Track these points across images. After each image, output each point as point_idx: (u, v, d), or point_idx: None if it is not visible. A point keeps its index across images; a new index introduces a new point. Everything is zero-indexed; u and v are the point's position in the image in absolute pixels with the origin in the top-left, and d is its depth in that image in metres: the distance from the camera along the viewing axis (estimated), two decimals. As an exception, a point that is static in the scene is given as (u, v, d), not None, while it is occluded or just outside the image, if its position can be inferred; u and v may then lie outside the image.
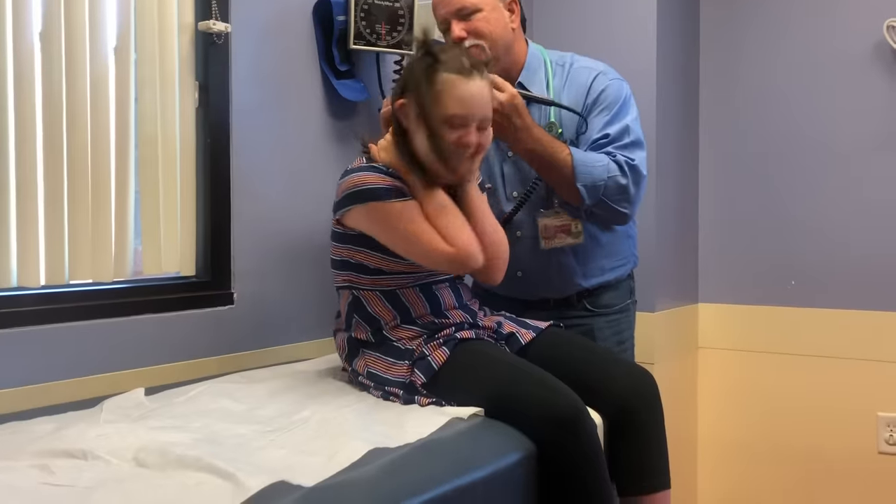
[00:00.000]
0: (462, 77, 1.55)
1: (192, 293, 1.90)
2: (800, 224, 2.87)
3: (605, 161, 1.81)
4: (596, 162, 1.80)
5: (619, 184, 1.82)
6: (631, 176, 1.83)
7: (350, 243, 1.65)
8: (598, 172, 1.80)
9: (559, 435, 1.41)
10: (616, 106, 1.88)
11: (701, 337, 3.05)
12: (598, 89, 1.89)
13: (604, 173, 1.80)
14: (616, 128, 1.86)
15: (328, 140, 2.19)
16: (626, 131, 1.87)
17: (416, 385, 1.56)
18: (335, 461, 1.22)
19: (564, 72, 1.94)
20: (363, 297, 1.66)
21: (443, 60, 1.55)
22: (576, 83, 1.91)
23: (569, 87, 1.91)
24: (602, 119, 1.87)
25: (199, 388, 1.66)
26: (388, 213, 1.58)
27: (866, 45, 2.76)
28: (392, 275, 1.63)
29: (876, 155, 2.75)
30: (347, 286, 1.69)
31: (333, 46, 2.14)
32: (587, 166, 1.79)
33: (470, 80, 1.55)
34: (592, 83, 1.89)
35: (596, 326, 1.96)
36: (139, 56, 1.77)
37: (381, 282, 1.64)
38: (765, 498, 2.94)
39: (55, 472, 1.16)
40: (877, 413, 2.74)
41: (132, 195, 1.76)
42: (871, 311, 2.74)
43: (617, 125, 1.86)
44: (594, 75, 1.91)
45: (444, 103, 1.54)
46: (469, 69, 1.56)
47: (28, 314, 1.60)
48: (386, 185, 1.58)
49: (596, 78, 1.90)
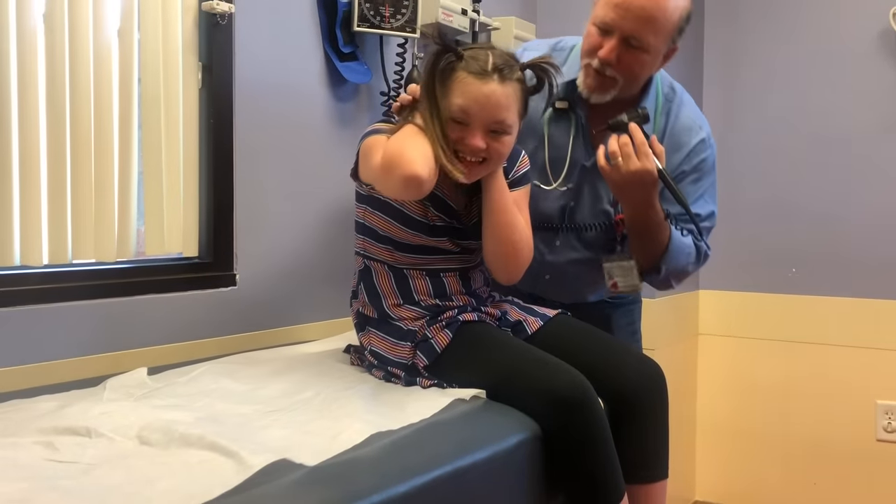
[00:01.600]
0: (476, 78, 1.51)
1: (195, 274, 1.90)
2: (801, 212, 2.88)
3: (692, 250, 1.81)
4: (685, 249, 1.79)
5: (689, 272, 1.85)
6: (701, 263, 1.85)
7: (361, 202, 1.67)
8: (684, 260, 1.80)
9: (563, 416, 1.41)
10: (709, 180, 1.85)
11: (701, 323, 3.06)
12: (698, 156, 1.83)
13: (687, 262, 1.81)
14: (706, 209, 1.84)
15: (331, 121, 2.19)
16: (712, 217, 1.86)
17: (418, 367, 1.57)
18: (337, 442, 1.22)
19: (671, 115, 1.84)
20: (373, 267, 1.66)
21: (465, 58, 1.53)
22: (677, 138, 1.82)
23: (669, 137, 1.82)
24: (694, 191, 1.82)
25: (201, 368, 1.67)
26: (366, 145, 1.60)
27: (872, 32, 2.75)
28: (401, 251, 1.62)
29: (878, 143, 2.75)
30: (362, 252, 1.69)
31: (337, 28, 2.13)
32: (678, 252, 1.78)
33: (485, 82, 1.51)
34: (694, 147, 1.82)
35: (613, 316, 1.97)
36: (142, 37, 1.77)
37: (391, 255, 1.64)
38: (762, 485, 2.95)
39: (59, 448, 1.17)
40: (875, 401, 2.75)
41: (135, 175, 1.76)
42: (871, 299, 2.75)
43: (707, 206, 1.84)
44: (698, 139, 1.83)
45: (449, 91, 1.53)
46: (489, 71, 1.51)
47: (31, 293, 1.60)
48: (374, 126, 1.60)
49: (699, 143, 1.83)
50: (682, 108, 1.85)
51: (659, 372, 1.64)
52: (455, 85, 1.53)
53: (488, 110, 1.52)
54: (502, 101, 1.53)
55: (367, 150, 1.58)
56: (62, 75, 1.63)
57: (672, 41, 1.73)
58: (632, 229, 1.77)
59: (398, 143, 1.51)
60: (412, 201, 1.59)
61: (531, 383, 1.45)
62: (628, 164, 1.62)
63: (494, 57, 1.53)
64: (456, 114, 1.52)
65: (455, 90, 1.52)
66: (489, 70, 1.51)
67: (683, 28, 1.73)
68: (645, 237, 1.76)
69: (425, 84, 1.55)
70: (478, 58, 1.53)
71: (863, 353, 2.76)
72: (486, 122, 1.53)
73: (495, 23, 2.59)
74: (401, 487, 1.13)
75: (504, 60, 1.54)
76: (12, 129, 1.57)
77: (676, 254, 1.77)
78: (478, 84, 1.51)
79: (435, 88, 1.54)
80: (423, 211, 1.60)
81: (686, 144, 1.82)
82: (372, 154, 1.55)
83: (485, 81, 1.51)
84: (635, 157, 1.62)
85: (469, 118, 1.52)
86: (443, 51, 1.54)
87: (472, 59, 1.53)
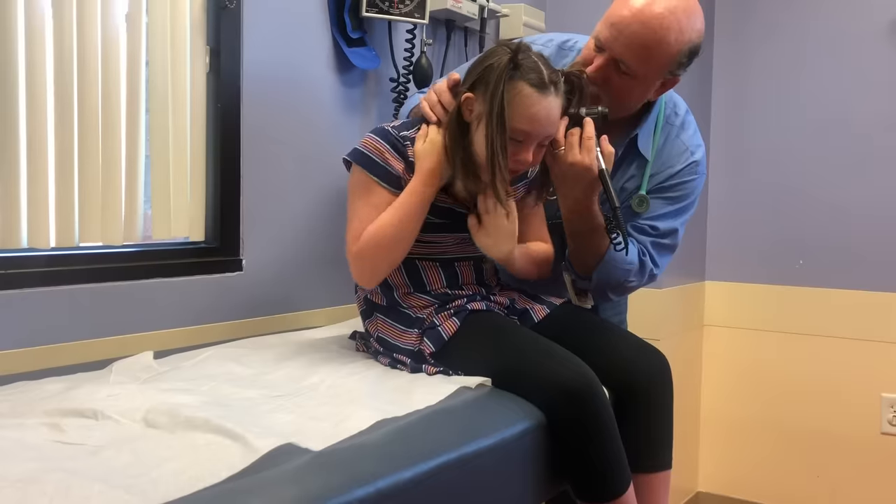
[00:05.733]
0: (537, 92, 1.45)
1: (201, 258, 1.90)
2: (808, 203, 2.87)
3: (632, 266, 1.72)
4: (624, 263, 1.70)
5: (628, 287, 1.77)
6: (645, 281, 1.77)
7: None
8: (620, 275, 1.72)
9: (569, 407, 1.40)
10: (682, 203, 1.79)
11: (707, 315, 3.06)
12: (683, 177, 1.78)
13: (625, 277, 1.73)
14: (667, 225, 1.77)
15: (339, 107, 2.18)
16: (673, 234, 1.79)
17: (424, 354, 1.57)
18: (343, 427, 1.22)
19: (669, 136, 1.80)
20: None
21: (523, 67, 1.45)
22: (667, 157, 1.79)
23: (659, 156, 1.79)
24: (661, 207, 1.77)
25: (207, 352, 1.67)
26: (351, 179, 1.59)
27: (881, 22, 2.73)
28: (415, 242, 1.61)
29: (888, 135, 2.74)
30: None
31: (345, 13, 2.12)
32: (614, 264, 1.70)
33: (545, 96, 1.45)
34: (682, 169, 1.78)
35: (600, 306, 1.96)
36: (150, 20, 1.76)
37: None
38: (766, 477, 2.95)
39: (66, 430, 1.17)
40: (880, 394, 2.75)
41: (142, 159, 1.76)
42: (878, 292, 2.74)
43: (670, 222, 1.78)
44: (689, 162, 1.78)
45: (512, 114, 1.45)
46: (547, 84, 1.45)
47: (38, 275, 1.60)
48: (370, 152, 1.57)
49: (689, 166, 1.78)
50: (681, 132, 1.81)
51: (664, 362, 1.63)
52: (516, 100, 1.44)
53: (546, 127, 1.49)
54: (555, 116, 1.50)
55: (357, 189, 1.57)
56: (70, 59, 1.63)
57: (670, 72, 1.67)
58: (568, 228, 1.71)
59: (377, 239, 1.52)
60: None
61: (537, 373, 1.45)
62: (568, 155, 1.56)
63: (545, 66, 1.47)
64: (516, 135, 1.47)
65: (516, 107, 1.44)
66: (547, 83, 1.46)
67: (685, 62, 1.66)
68: (579, 240, 1.70)
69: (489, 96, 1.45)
70: (533, 65, 1.45)
71: (869, 345, 2.75)
72: (540, 137, 1.50)
73: (504, 10, 2.57)
74: (406, 473, 1.13)
75: (552, 69, 1.49)
76: (20, 112, 1.56)
77: (612, 265, 1.70)
78: (538, 99, 1.45)
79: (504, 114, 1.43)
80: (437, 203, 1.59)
81: (674, 165, 1.78)
82: (356, 203, 1.56)
83: (544, 95, 1.46)
84: (577, 150, 1.56)
85: (528, 137, 1.49)
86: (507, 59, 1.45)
87: (528, 67, 1.45)
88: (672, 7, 1.59)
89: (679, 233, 1.81)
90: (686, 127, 1.82)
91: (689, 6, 1.63)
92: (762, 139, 2.94)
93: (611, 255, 1.69)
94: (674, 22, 1.59)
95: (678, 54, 1.63)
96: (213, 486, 0.99)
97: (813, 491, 2.85)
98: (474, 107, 1.50)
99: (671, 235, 1.79)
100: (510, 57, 1.45)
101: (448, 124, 1.54)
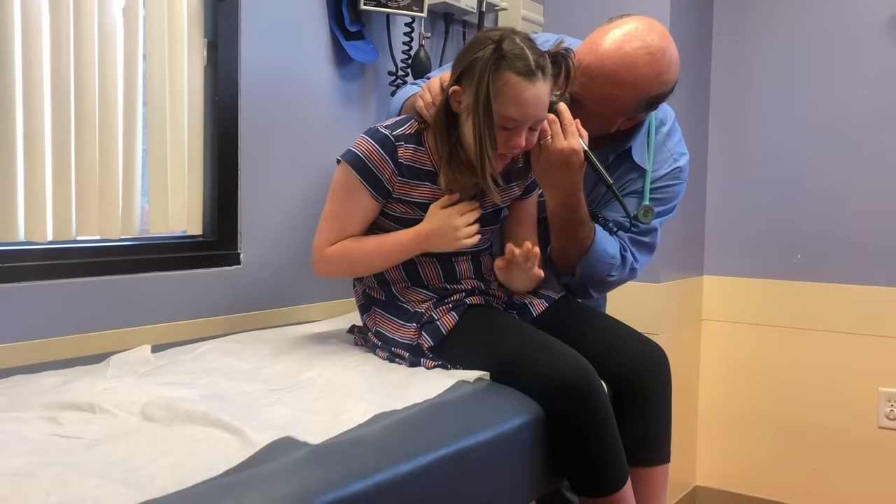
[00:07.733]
0: (525, 80, 1.44)
1: (199, 252, 1.89)
2: (807, 198, 2.87)
3: (615, 260, 1.75)
4: (607, 257, 1.73)
5: (610, 282, 1.79)
6: (626, 277, 1.80)
7: None
8: (604, 269, 1.74)
9: (567, 401, 1.40)
10: (664, 206, 1.82)
11: (705, 309, 3.06)
12: (665, 181, 1.82)
13: (607, 271, 1.75)
14: (648, 223, 1.80)
15: (337, 101, 2.18)
16: (652, 233, 1.82)
17: (422, 348, 1.56)
18: (341, 421, 1.22)
19: (658, 142, 1.83)
20: None
21: (508, 56, 1.43)
22: (655, 161, 1.82)
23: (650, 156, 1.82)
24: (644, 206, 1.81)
25: (205, 346, 1.67)
26: (337, 176, 1.60)
27: (881, 17, 2.73)
28: None
29: (885, 130, 2.73)
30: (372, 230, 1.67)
31: (343, 7, 2.12)
32: (598, 258, 1.72)
33: (533, 83, 1.45)
34: (666, 174, 1.82)
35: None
36: (148, 12, 1.75)
37: None
38: (764, 471, 2.96)
39: (63, 423, 1.17)
40: (878, 388, 2.75)
41: (140, 153, 1.75)
42: (875, 286, 2.74)
43: (651, 220, 1.81)
44: (672, 167, 1.83)
45: (501, 104, 1.45)
46: (534, 70, 1.44)
47: (35, 269, 1.60)
48: (364, 156, 1.56)
49: (672, 171, 1.83)
50: (667, 139, 1.84)
51: (663, 356, 1.63)
52: (504, 89, 1.44)
53: (536, 111, 1.49)
54: (544, 100, 1.50)
55: (339, 189, 1.60)
56: (67, 52, 1.62)
57: (627, 118, 1.72)
58: (553, 222, 1.71)
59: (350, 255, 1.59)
60: (423, 193, 1.58)
61: (535, 367, 1.45)
62: (555, 142, 1.58)
63: (531, 51, 1.46)
64: (507, 123, 1.47)
65: (505, 96, 1.44)
66: (534, 69, 1.45)
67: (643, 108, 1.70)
68: (565, 232, 1.71)
69: (475, 87, 1.45)
70: (519, 52, 1.44)
71: (866, 340, 2.75)
72: (531, 122, 1.50)
73: (503, 3, 2.57)
74: (404, 467, 1.13)
75: (538, 52, 1.47)
76: (17, 105, 1.56)
77: (596, 259, 1.72)
78: (526, 85, 1.44)
79: (491, 105, 1.44)
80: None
81: (658, 170, 1.82)
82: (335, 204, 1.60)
83: (532, 82, 1.45)
84: (562, 136, 1.58)
85: (519, 124, 1.49)
86: (491, 50, 1.44)
87: (514, 55, 1.44)
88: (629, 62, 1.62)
89: (658, 233, 1.84)
90: (672, 135, 1.86)
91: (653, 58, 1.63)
92: (760, 134, 2.94)
93: (595, 250, 1.71)
94: (628, 78, 1.63)
95: (633, 104, 1.68)
96: (211, 480, 0.99)
97: (811, 485, 2.86)
98: (462, 98, 1.50)
99: (651, 234, 1.82)
100: (494, 48, 1.45)
101: (435, 117, 1.55)
